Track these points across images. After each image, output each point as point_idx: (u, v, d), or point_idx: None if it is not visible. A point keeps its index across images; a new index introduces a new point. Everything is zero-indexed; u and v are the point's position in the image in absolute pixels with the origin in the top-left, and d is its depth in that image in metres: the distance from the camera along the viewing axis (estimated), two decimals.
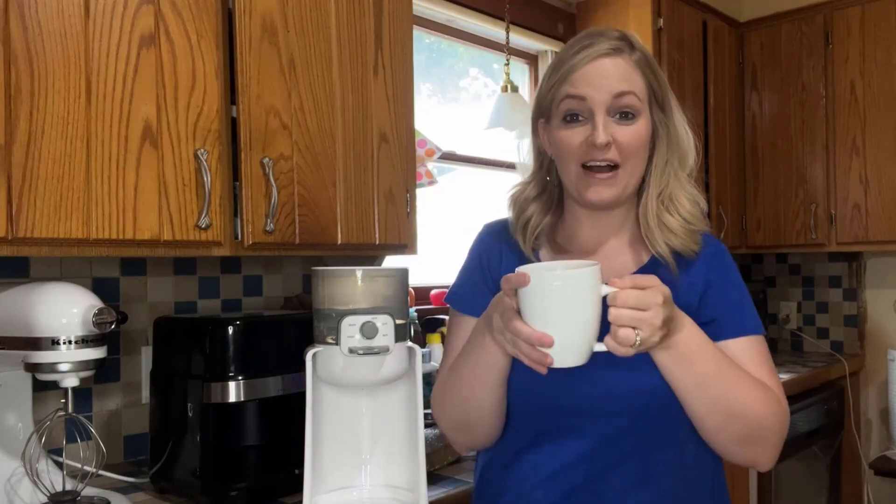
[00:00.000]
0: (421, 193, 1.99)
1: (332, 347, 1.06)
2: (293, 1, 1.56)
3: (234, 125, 1.48)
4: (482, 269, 1.19)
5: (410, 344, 1.12)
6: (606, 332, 0.92)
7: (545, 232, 1.18)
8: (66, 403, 1.32)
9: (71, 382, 1.28)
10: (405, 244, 1.81)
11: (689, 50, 2.89)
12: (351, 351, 1.04)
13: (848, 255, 3.26)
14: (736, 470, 2.38)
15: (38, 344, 1.24)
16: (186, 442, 1.43)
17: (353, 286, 1.06)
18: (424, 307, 2.33)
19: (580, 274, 0.92)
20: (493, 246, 1.20)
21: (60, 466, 1.37)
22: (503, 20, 2.57)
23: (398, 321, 1.08)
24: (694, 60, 2.92)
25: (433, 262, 2.38)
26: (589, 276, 0.92)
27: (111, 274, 1.70)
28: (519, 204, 1.19)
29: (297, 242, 1.56)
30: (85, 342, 1.26)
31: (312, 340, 1.09)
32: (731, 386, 1.02)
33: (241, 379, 1.41)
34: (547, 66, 1.18)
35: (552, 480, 1.10)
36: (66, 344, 1.25)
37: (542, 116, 1.16)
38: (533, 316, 0.93)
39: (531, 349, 0.92)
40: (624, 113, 1.08)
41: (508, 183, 1.28)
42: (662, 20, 2.74)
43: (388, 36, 1.77)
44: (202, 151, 1.40)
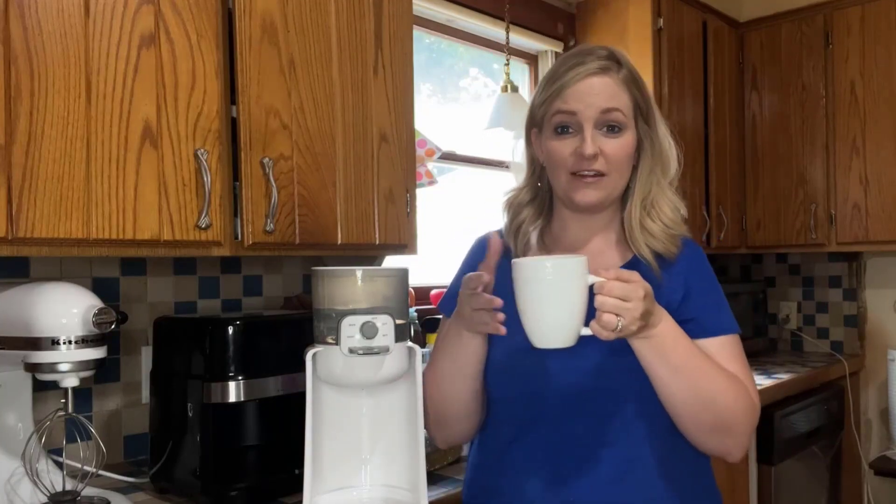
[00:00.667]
0: (421, 193, 1.99)
1: (332, 347, 1.06)
2: (293, 1, 1.56)
3: (234, 125, 1.48)
4: None
5: (410, 344, 1.12)
6: (592, 319, 1.01)
7: (532, 236, 1.27)
8: (66, 403, 1.32)
9: (71, 382, 1.28)
10: (405, 244, 1.81)
11: (689, 50, 2.88)
12: (351, 351, 1.04)
13: (848, 255, 3.26)
14: (736, 470, 2.38)
15: (38, 344, 1.24)
16: (186, 442, 1.43)
17: (353, 286, 1.06)
18: (424, 307, 2.33)
19: (570, 262, 1.02)
20: (484, 257, 1.25)
21: (60, 466, 1.37)
22: (503, 20, 2.57)
23: (398, 321, 1.08)
24: (694, 60, 2.92)
25: (433, 262, 2.38)
26: (578, 265, 1.02)
27: (111, 274, 1.70)
28: (513, 208, 1.29)
29: (297, 242, 1.56)
30: (85, 342, 1.26)
31: (312, 340, 1.09)
32: (702, 377, 1.10)
33: (241, 379, 1.41)
34: (546, 68, 1.22)
35: (544, 466, 1.16)
36: (66, 344, 1.25)
37: (534, 126, 1.25)
38: (527, 301, 1.02)
39: (488, 314, 1.04)
40: (611, 126, 1.17)
41: (508, 183, 1.32)
42: (662, 20, 2.74)
43: (388, 36, 1.77)
44: (202, 151, 1.40)
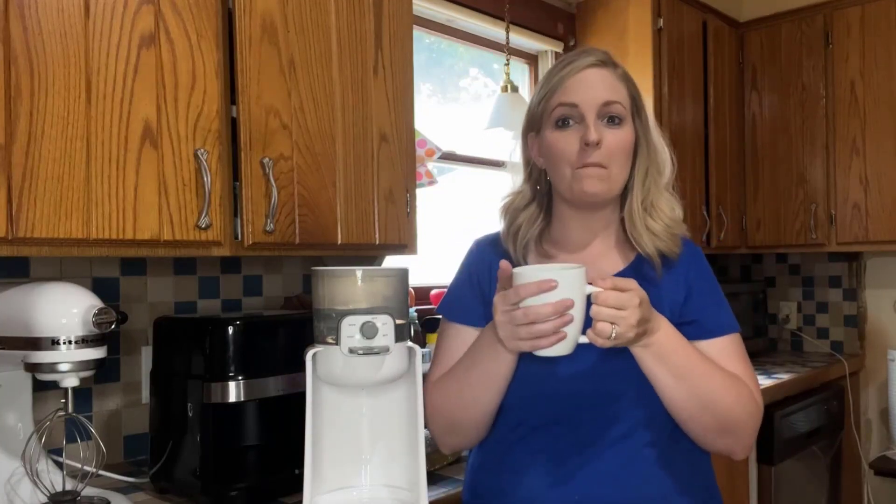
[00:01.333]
0: (421, 193, 1.99)
1: (332, 347, 1.06)
2: (293, 1, 1.56)
3: (234, 125, 1.48)
4: (471, 281, 1.27)
5: (410, 344, 1.12)
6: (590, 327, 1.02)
7: (533, 238, 1.26)
8: (66, 403, 1.32)
9: (71, 382, 1.28)
10: (405, 244, 1.81)
11: (689, 50, 2.88)
12: (351, 351, 1.04)
13: (848, 255, 3.26)
14: (736, 470, 2.38)
15: (38, 344, 1.24)
16: (186, 442, 1.43)
17: (353, 286, 1.06)
18: (424, 307, 2.33)
19: (569, 273, 1.02)
20: (483, 258, 1.29)
21: (60, 466, 1.37)
22: (503, 20, 2.57)
23: (398, 321, 1.08)
24: (694, 60, 2.92)
25: (433, 262, 2.38)
26: (576, 276, 1.02)
27: (111, 274, 1.70)
28: (510, 213, 1.28)
29: (297, 242, 1.56)
30: (85, 342, 1.26)
31: (312, 340, 1.09)
32: (703, 381, 1.11)
33: (241, 379, 1.41)
34: (546, 68, 1.23)
35: (546, 468, 1.15)
36: (66, 344, 1.25)
37: (532, 130, 1.25)
38: None
39: (549, 324, 1.00)
40: (612, 118, 1.17)
41: (506, 184, 1.32)
42: (662, 20, 2.74)
43: (388, 36, 1.77)
44: (202, 151, 1.40)
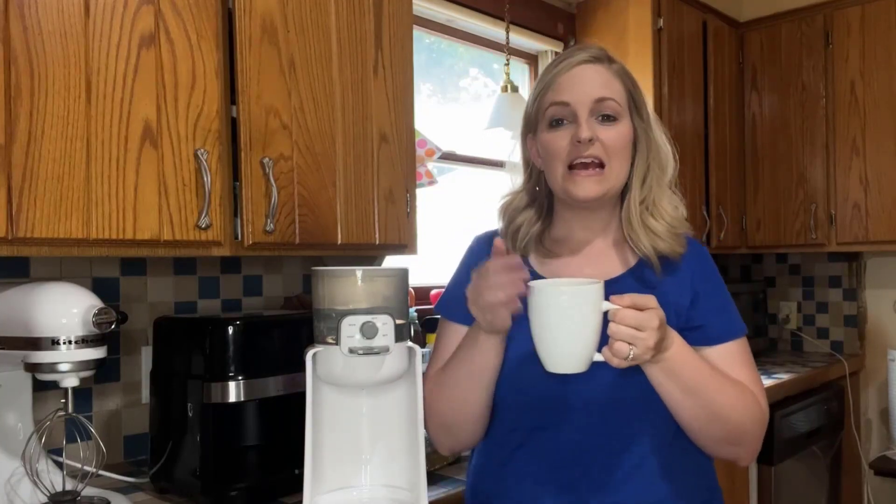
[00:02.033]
0: (421, 193, 1.99)
1: (332, 347, 1.06)
2: (293, 1, 1.56)
3: (234, 125, 1.48)
4: (469, 280, 1.23)
5: (410, 344, 1.12)
6: (605, 343, 0.99)
7: (533, 238, 1.24)
8: (66, 403, 1.32)
9: (71, 382, 1.28)
10: (405, 244, 1.81)
11: (689, 50, 2.88)
12: (351, 351, 1.04)
13: (848, 255, 3.26)
14: (736, 470, 2.38)
15: (38, 344, 1.24)
16: (186, 442, 1.43)
17: (353, 286, 1.06)
18: (424, 307, 2.33)
19: (585, 290, 0.99)
20: (482, 255, 1.27)
21: (60, 466, 1.37)
22: (503, 20, 2.57)
23: (398, 321, 1.08)
24: (694, 60, 2.92)
25: (433, 262, 2.38)
26: (593, 292, 0.99)
27: (111, 274, 1.70)
28: (509, 213, 1.27)
29: (297, 242, 1.56)
30: (85, 342, 1.26)
31: (312, 340, 1.09)
32: (712, 393, 1.09)
33: (241, 379, 1.41)
34: (545, 67, 1.22)
35: (549, 472, 1.14)
36: (66, 344, 1.25)
37: (530, 131, 1.23)
38: (541, 326, 1.00)
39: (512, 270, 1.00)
40: (606, 115, 1.15)
41: (504, 184, 1.32)
42: (662, 20, 2.74)
43: (388, 36, 1.77)
44: (202, 151, 1.40)
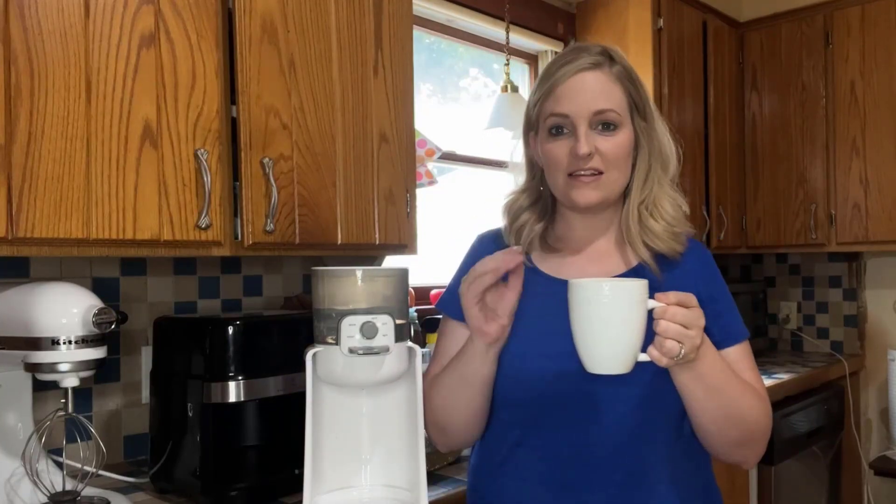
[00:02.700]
0: (421, 193, 1.99)
1: (332, 347, 1.06)
2: (293, 1, 1.56)
3: (234, 125, 1.48)
4: None
5: (410, 344, 1.12)
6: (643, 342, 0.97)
7: (536, 236, 1.24)
8: (66, 403, 1.32)
9: (71, 382, 1.28)
10: (405, 244, 1.81)
11: (689, 50, 2.88)
12: (351, 351, 1.04)
13: (848, 255, 3.26)
14: (736, 470, 2.38)
15: (38, 344, 1.24)
16: (186, 442, 1.43)
17: (353, 286, 1.06)
18: (424, 307, 2.33)
19: (631, 285, 0.96)
20: (484, 254, 1.26)
21: (60, 466, 1.37)
22: (503, 20, 2.57)
23: (398, 321, 1.08)
24: (694, 60, 2.92)
25: (433, 262, 2.38)
26: (638, 288, 0.96)
27: (111, 274, 1.70)
28: (512, 212, 1.27)
29: (297, 242, 1.56)
30: (85, 342, 1.26)
31: (312, 340, 1.09)
32: (734, 395, 1.09)
33: (241, 379, 1.41)
34: (548, 63, 1.22)
35: (548, 470, 1.13)
36: (66, 344, 1.25)
37: (531, 130, 1.23)
38: (582, 325, 0.97)
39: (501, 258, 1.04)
40: (606, 124, 1.14)
41: (508, 183, 1.31)
42: (662, 20, 2.74)
43: (388, 36, 1.77)
44: (202, 151, 1.40)
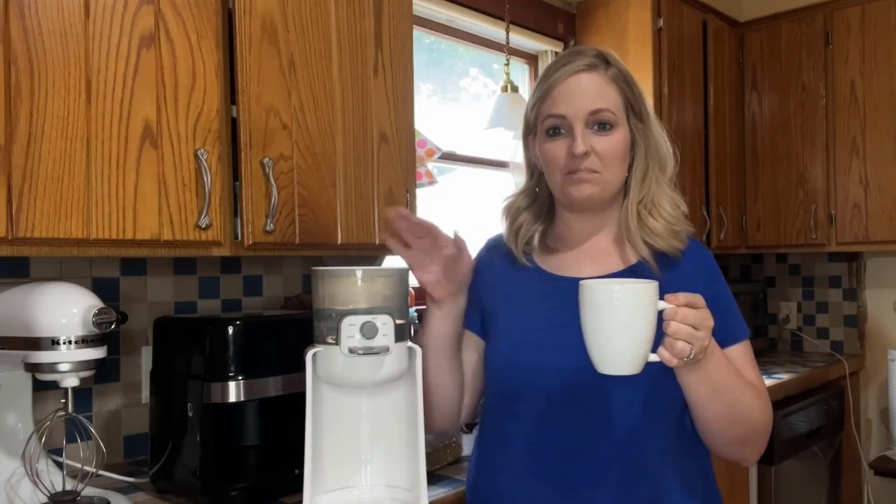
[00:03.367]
0: (421, 193, 1.99)
1: (332, 347, 1.06)
2: (293, 1, 1.56)
3: (234, 125, 1.48)
4: (471, 285, 1.28)
5: (410, 344, 1.12)
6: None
7: (536, 236, 1.27)
8: (66, 403, 1.32)
9: (71, 382, 1.28)
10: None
11: (689, 50, 2.88)
12: (351, 351, 1.04)
13: (848, 255, 3.26)
14: (736, 470, 2.38)
15: (38, 344, 1.24)
16: (186, 442, 1.43)
17: (353, 286, 1.06)
18: (424, 307, 2.33)
19: (641, 287, 0.96)
20: (483, 257, 1.31)
21: (60, 466, 1.37)
22: (503, 20, 2.57)
23: (398, 321, 1.08)
24: (694, 60, 2.92)
25: None
26: (648, 290, 0.96)
27: (111, 274, 1.70)
28: (512, 213, 1.30)
29: (297, 242, 1.56)
30: (85, 342, 1.26)
31: (312, 340, 1.09)
32: (738, 394, 1.10)
33: (241, 379, 1.41)
34: (545, 67, 1.23)
35: (549, 465, 1.15)
36: (66, 344, 1.25)
37: (530, 133, 1.26)
38: (593, 326, 0.97)
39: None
40: (601, 124, 1.17)
41: (508, 183, 1.33)
42: (662, 20, 2.74)
43: (388, 36, 1.77)
44: (202, 151, 1.40)
